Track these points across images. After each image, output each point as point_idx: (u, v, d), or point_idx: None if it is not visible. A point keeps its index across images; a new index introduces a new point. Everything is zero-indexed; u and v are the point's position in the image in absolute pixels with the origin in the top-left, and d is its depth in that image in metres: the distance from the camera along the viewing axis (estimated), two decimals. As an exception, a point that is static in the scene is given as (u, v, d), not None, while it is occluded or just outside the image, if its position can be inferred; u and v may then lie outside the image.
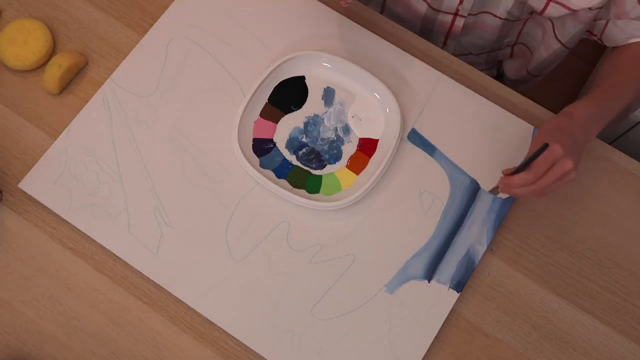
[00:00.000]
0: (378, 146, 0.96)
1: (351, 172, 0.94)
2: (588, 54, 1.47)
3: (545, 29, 1.07)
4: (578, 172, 0.95)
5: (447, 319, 0.89)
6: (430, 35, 1.12)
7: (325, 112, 0.97)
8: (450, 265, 0.91)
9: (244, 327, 0.88)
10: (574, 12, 0.96)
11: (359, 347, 0.88)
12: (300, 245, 0.91)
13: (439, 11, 1.04)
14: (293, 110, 0.97)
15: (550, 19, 1.04)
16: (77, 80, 0.99)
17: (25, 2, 1.02)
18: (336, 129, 0.96)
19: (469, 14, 1.03)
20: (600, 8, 0.96)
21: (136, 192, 0.93)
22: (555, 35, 1.05)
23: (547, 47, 1.09)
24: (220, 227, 0.91)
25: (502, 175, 0.86)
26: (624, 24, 0.95)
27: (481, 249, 0.92)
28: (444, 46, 1.13)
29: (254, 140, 0.95)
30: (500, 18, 1.03)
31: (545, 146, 0.80)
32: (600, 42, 1.01)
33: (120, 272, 0.90)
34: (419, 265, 0.91)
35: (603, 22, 0.97)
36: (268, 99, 0.97)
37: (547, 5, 0.95)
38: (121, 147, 0.95)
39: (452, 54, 1.03)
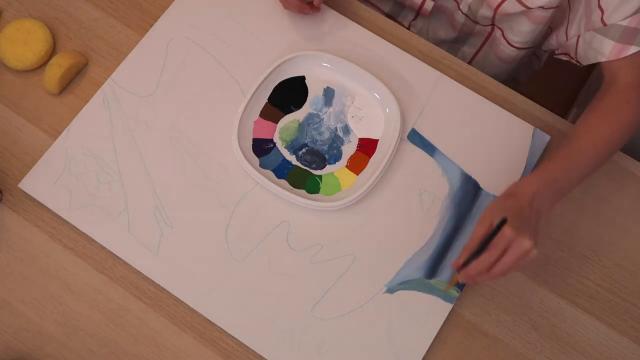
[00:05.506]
0: (378, 146, 0.96)
1: (351, 172, 0.94)
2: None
3: (495, 38, 1.08)
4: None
5: (447, 319, 0.89)
6: (401, 9, 1.13)
7: (325, 112, 0.97)
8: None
9: (244, 327, 0.88)
10: (527, 9, 0.95)
11: (359, 347, 0.88)
12: (300, 245, 0.91)
13: None
14: (293, 110, 0.97)
15: (500, 28, 1.04)
16: (77, 80, 0.99)
17: (25, 2, 1.02)
18: (336, 129, 0.96)
19: None
20: (555, 8, 0.95)
21: (136, 192, 0.93)
22: (507, 40, 1.06)
23: (498, 50, 1.09)
24: (220, 227, 0.91)
25: (453, 267, 0.82)
26: (590, 37, 0.90)
27: (481, 249, 0.92)
28: (413, 21, 1.13)
29: (254, 140, 0.95)
30: (461, 12, 1.04)
31: (503, 221, 0.76)
32: (578, 64, 0.97)
33: (120, 272, 0.90)
34: (419, 265, 0.91)
35: (574, 39, 0.94)
36: (268, 99, 0.97)
37: (503, 1, 0.95)
38: (121, 147, 0.95)
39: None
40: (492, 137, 0.97)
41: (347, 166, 0.95)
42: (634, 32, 0.87)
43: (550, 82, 1.24)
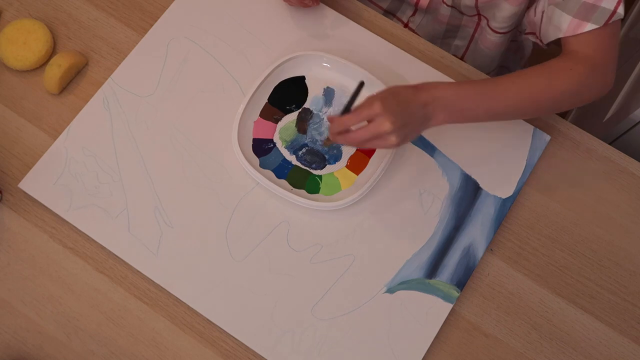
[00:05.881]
0: (378, 146, 0.96)
1: (351, 172, 0.94)
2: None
3: (482, 27, 1.07)
4: (576, 171, 0.95)
5: (447, 319, 0.89)
6: (400, 5, 1.13)
7: (325, 112, 0.97)
8: (450, 265, 0.91)
9: (244, 327, 0.88)
10: None
11: (359, 347, 0.88)
12: (300, 245, 0.91)
13: None
14: (293, 111, 0.97)
15: (486, 17, 1.04)
16: (77, 80, 0.99)
17: (25, 2, 1.02)
18: (336, 129, 0.96)
19: None
20: None
21: (136, 192, 0.93)
22: (490, 28, 1.05)
23: (484, 40, 1.09)
24: (220, 227, 0.91)
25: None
26: (551, 12, 0.89)
27: (481, 249, 0.92)
28: (411, 16, 1.13)
29: (254, 140, 0.95)
30: (446, 5, 1.04)
31: (361, 84, 0.75)
32: (542, 44, 0.96)
33: (120, 272, 0.90)
34: (419, 265, 0.91)
35: (540, 16, 0.93)
36: (268, 99, 0.97)
37: None
38: (121, 147, 0.95)
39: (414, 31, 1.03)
40: (492, 137, 0.97)
41: (347, 166, 0.95)
42: (592, 8, 0.85)
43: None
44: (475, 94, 0.84)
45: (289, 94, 0.98)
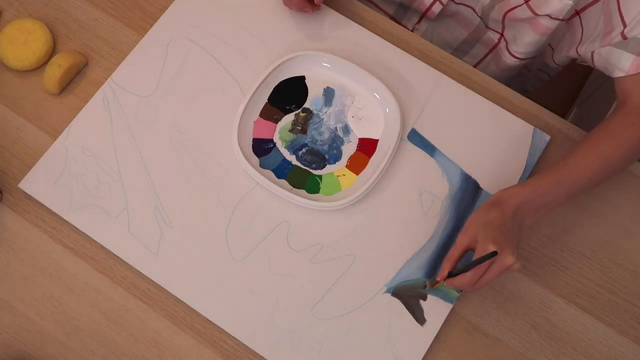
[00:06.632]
0: (378, 146, 0.96)
1: (351, 172, 0.94)
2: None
3: (499, 49, 1.09)
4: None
5: (447, 319, 0.89)
6: (406, 11, 1.12)
7: (325, 112, 0.97)
8: (450, 265, 0.91)
9: (244, 327, 0.88)
10: (535, 16, 0.95)
11: (359, 347, 0.88)
12: (300, 245, 0.91)
13: None
14: (293, 111, 0.97)
15: (506, 39, 1.05)
16: (77, 80, 0.99)
17: (25, 2, 1.02)
18: (336, 129, 0.96)
19: (449, 0, 1.04)
20: (562, 20, 0.95)
21: (136, 192, 0.93)
22: (509, 51, 1.06)
23: (498, 61, 1.10)
24: (220, 227, 0.91)
25: (439, 277, 0.84)
26: (606, 52, 0.88)
27: (481, 249, 0.92)
28: (417, 24, 1.13)
29: (254, 140, 0.95)
30: (477, 15, 1.04)
31: (493, 254, 0.77)
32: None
33: (120, 272, 0.90)
34: (419, 265, 0.91)
35: (589, 55, 0.92)
36: (268, 99, 0.97)
37: (518, 5, 0.95)
38: (121, 147, 0.95)
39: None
40: (492, 137, 0.97)
41: (347, 166, 0.95)
42: None
43: (550, 82, 1.24)
44: (552, 186, 0.84)
45: (289, 94, 0.98)
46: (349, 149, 0.96)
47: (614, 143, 0.85)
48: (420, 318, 0.88)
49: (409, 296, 0.89)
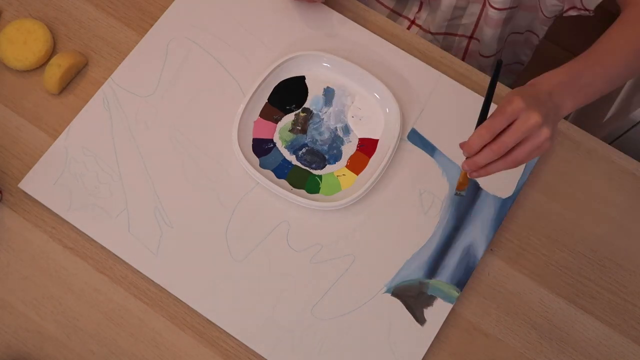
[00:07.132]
0: (378, 146, 0.96)
1: (351, 172, 0.94)
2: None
3: (486, 7, 1.07)
4: (576, 171, 0.95)
5: (447, 319, 0.89)
6: (405, 3, 1.12)
7: (325, 112, 0.97)
8: (451, 265, 0.91)
9: (244, 327, 0.88)
10: None
11: (359, 347, 0.88)
12: (300, 245, 0.91)
13: None
14: (293, 111, 0.97)
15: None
16: (77, 80, 0.99)
17: (25, 2, 1.02)
18: (336, 129, 0.96)
19: None
20: None
21: (136, 192, 0.93)
22: (490, 4, 1.04)
23: (487, 19, 1.08)
24: (220, 227, 0.91)
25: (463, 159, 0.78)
26: None
27: (481, 249, 0.92)
28: (417, 12, 1.13)
29: (254, 140, 0.95)
30: None
31: (499, 63, 0.70)
32: (587, 12, 0.93)
33: (120, 272, 0.90)
34: (419, 265, 0.91)
35: None
36: (268, 99, 0.97)
37: None
38: (121, 147, 0.95)
39: (420, 29, 1.03)
40: (492, 137, 0.97)
41: (347, 166, 0.95)
42: None
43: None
44: (587, 67, 0.79)
45: (289, 94, 0.98)
46: (349, 149, 0.96)
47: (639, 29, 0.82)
48: (420, 318, 0.88)
49: (409, 296, 0.89)
